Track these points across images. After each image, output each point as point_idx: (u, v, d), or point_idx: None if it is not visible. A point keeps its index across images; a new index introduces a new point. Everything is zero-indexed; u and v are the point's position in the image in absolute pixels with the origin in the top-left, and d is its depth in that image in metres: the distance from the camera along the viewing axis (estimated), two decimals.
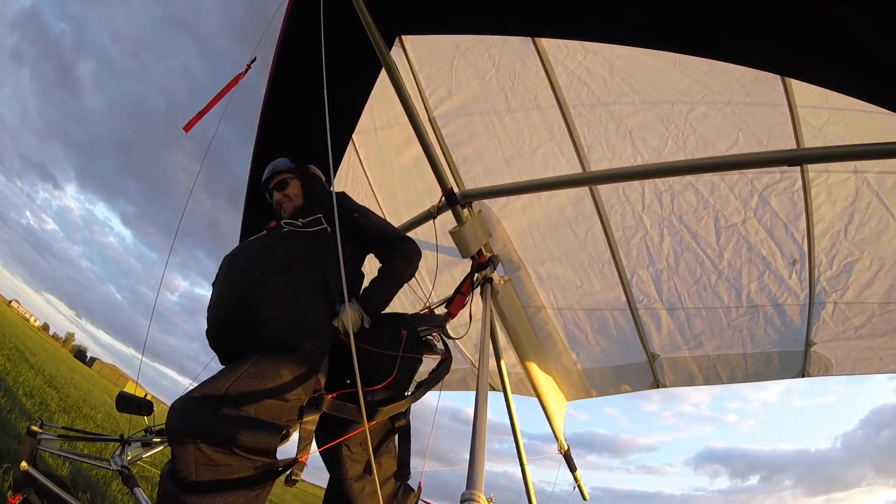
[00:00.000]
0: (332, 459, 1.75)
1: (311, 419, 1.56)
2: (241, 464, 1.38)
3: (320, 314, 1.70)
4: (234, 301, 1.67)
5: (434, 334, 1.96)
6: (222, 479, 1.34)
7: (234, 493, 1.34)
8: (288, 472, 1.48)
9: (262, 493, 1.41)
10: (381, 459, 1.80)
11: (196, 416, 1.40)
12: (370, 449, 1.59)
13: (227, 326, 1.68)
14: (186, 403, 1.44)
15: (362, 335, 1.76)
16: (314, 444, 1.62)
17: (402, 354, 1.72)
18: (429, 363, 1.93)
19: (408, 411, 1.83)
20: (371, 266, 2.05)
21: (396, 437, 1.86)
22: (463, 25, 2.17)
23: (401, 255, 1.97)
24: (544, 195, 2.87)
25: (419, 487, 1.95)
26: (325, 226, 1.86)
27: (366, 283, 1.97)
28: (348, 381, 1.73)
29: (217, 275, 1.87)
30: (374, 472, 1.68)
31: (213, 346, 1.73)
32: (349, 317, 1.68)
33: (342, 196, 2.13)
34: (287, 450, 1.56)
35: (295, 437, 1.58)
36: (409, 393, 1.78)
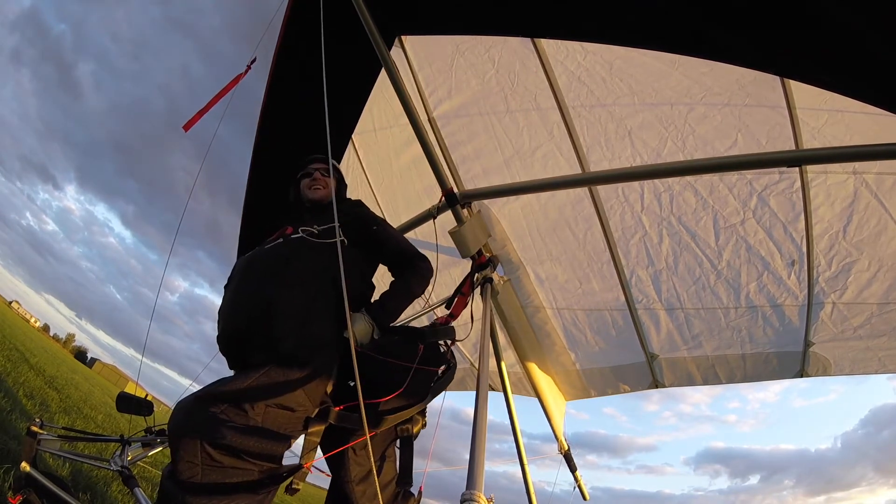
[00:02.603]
0: (335, 461, 1.75)
1: (316, 430, 1.57)
2: (247, 468, 1.38)
3: (333, 327, 1.70)
4: (248, 314, 1.66)
5: (448, 347, 1.97)
6: (227, 481, 1.34)
7: (239, 497, 1.34)
8: (289, 481, 1.48)
9: (265, 499, 1.41)
10: (384, 464, 1.81)
11: (203, 418, 1.40)
12: (370, 456, 1.59)
13: (239, 337, 1.67)
14: (194, 404, 1.44)
15: (378, 346, 1.76)
16: (318, 451, 1.62)
17: (416, 367, 1.72)
18: None
19: (414, 420, 1.82)
20: (380, 276, 2.05)
21: (398, 442, 1.86)
22: (463, 26, 2.17)
23: (416, 271, 1.98)
24: (544, 196, 2.87)
25: (419, 492, 1.95)
26: (342, 238, 1.86)
27: (376, 295, 1.97)
28: (351, 384, 1.73)
29: (230, 280, 1.86)
30: (374, 476, 1.68)
31: (223, 352, 1.74)
32: (361, 328, 1.70)
33: (361, 205, 2.13)
34: (290, 456, 1.57)
35: (297, 444, 1.58)
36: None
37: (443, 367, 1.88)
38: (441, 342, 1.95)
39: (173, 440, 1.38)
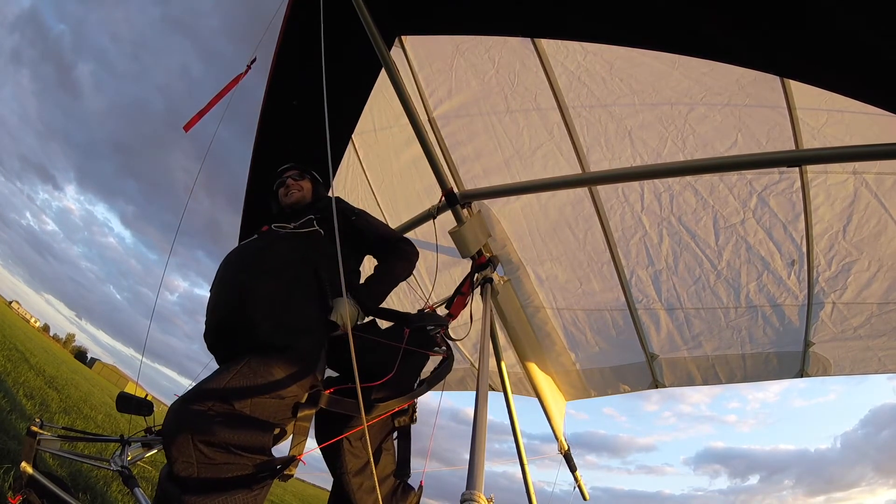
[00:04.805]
0: (332, 452, 1.76)
1: (306, 415, 1.58)
2: (240, 462, 1.39)
3: (313, 313, 1.72)
4: (227, 305, 1.69)
5: (437, 334, 1.97)
6: (222, 477, 1.35)
7: (235, 493, 1.35)
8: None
9: (261, 493, 1.42)
10: (381, 457, 1.81)
11: (192, 416, 1.41)
12: (368, 446, 1.59)
13: (221, 330, 1.70)
14: (183, 405, 1.45)
15: (365, 332, 1.78)
16: (312, 440, 1.63)
17: (405, 347, 1.75)
18: (431, 362, 1.94)
19: (411, 410, 1.83)
20: (368, 268, 2.06)
21: (396, 434, 1.87)
22: (463, 26, 2.17)
23: (399, 254, 2.00)
24: (544, 196, 2.87)
25: (420, 487, 1.95)
26: (317, 228, 1.88)
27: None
28: (350, 384, 1.73)
29: (214, 279, 1.89)
30: (373, 468, 1.69)
31: (210, 348, 1.75)
32: (346, 310, 1.69)
33: (339, 200, 2.15)
34: (284, 447, 1.57)
35: (292, 434, 1.58)
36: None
37: (438, 357, 1.89)
38: (431, 329, 1.96)
39: (167, 442, 1.39)
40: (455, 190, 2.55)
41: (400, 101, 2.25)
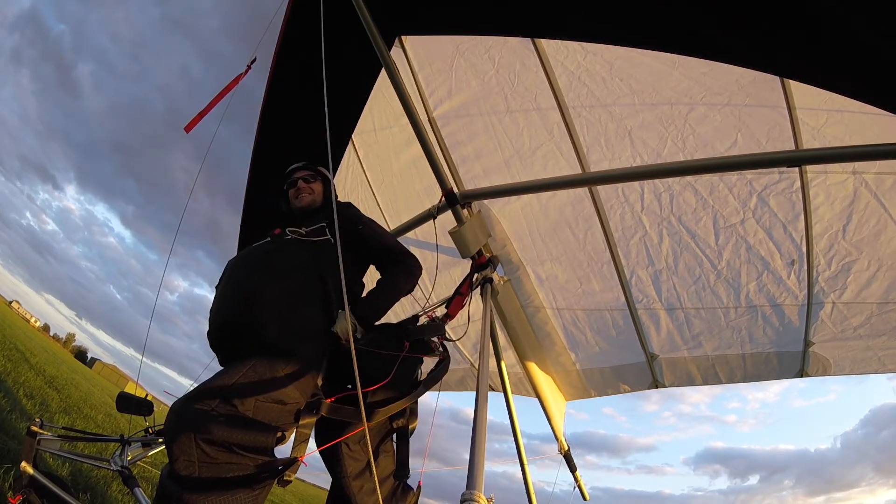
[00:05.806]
0: (331, 457, 1.76)
1: (307, 423, 1.59)
2: (241, 462, 1.39)
3: (318, 319, 1.73)
4: (234, 305, 1.70)
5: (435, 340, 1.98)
6: (223, 476, 1.36)
7: (235, 492, 1.35)
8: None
9: (262, 493, 1.42)
10: (380, 459, 1.82)
11: (194, 416, 1.41)
12: (369, 449, 1.59)
13: (226, 330, 1.70)
14: (186, 404, 1.45)
15: (365, 342, 1.78)
16: (312, 444, 1.64)
17: (403, 354, 1.76)
18: (428, 363, 1.95)
19: (408, 412, 1.84)
20: (371, 276, 2.06)
21: (395, 436, 1.88)
22: (463, 26, 2.17)
23: (402, 268, 2.00)
24: (544, 196, 2.87)
25: (418, 487, 1.96)
26: (328, 236, 1.88)
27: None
28: (349, 386, 1.74)
29: (220, 279, 1.90)
30: (374, 470, 1.69)
31: (213, 347, 1.76)
32: (348, 323, 1.70)
33: (349, 207, 2.15)
34: (285, 451, 1.58)
35: (293, 439, 1.59)
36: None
37: (431, 357, 1.90)
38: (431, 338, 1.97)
39: (169, 441, 1.39)
40: (455, 190, 2.55)
41: (400, 101, 2.25)
